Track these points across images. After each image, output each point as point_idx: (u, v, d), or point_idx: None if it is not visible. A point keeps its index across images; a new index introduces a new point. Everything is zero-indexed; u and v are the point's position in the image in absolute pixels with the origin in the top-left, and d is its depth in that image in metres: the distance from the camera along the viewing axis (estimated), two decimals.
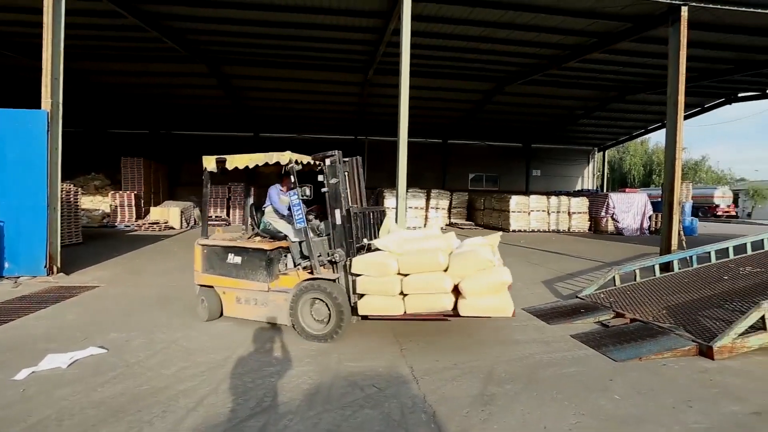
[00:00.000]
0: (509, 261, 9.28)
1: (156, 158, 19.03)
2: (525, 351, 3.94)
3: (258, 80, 14.93)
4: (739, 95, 16.44)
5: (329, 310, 4.03)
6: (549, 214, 17.11)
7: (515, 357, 3.79)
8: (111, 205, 15.86)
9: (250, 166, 4.43)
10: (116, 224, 15.29)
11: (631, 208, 16.83)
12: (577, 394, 3.10)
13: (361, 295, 4.01)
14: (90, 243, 10.87)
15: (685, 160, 39.59)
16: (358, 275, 4.01)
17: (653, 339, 4.04)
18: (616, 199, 16.97)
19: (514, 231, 16.63)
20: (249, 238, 4.90)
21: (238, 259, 4.45)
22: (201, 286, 4.65)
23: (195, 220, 16.83)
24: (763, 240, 6.30)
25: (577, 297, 5.61)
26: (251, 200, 5.40)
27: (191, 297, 4.92)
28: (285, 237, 4.62)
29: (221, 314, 4.62)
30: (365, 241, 4.38)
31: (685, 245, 7.87)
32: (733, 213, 33.04)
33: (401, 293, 3.86)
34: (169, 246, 11.05)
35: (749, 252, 6.14)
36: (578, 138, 23.64)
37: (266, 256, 4.35)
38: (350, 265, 4.06)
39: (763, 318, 3.74)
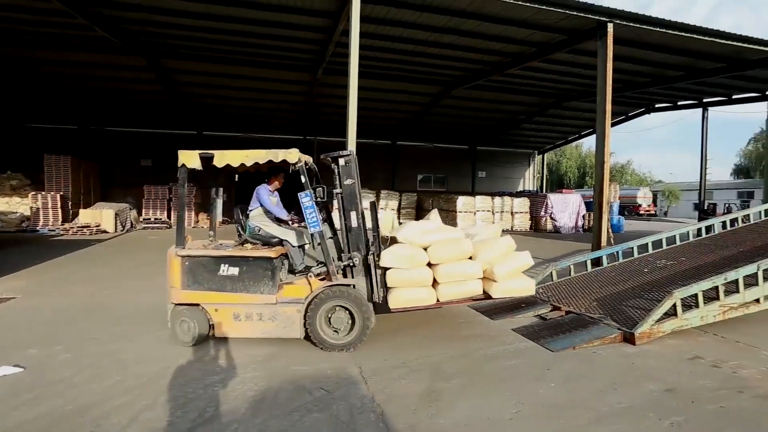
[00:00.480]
0: None
1: (86, 156, 17.51)
2: (470, 346, 4.10)
3: (201, 76, 14.22)
4: (656, 106, 18.16)
5: (351, 316, 3.86)
6: (493, 213, 17.87)
7: (461, 352, 3.94)
8: (31, 207, 14.39)
9: (248, 164, 3.91)
10: (38, 228, 13.90)
11: (567, 208, 18.02)
12: (518, 384, 3.29)
13: (389, 289, 4.01)
14: (5, 249, 9.81)
15: (612, 163, 43.19)
16: (387, 269, 3.96)
17: (585, 329, 4.37)
18: (554, 199, 18.10)
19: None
20: (238, 244, 4.32)
21: (234, 271, 3.88)
22: (178, 305, 3.91)
23: (132, 222, 15.73)
24: (675, 236, 7.04)
25: None
26: (220, 202, 4.64)
27: (133, 305, 4.60)
28: (280, 242, 4.24)
29: (210, 335, 3.97)
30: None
31: (612, 241, 8.55)
32: (653, 211, 36.77)
33: (433, 283, 4.04)
34: (101, 251, 10.25)
35: (664, 247, 6.83)
36: (520, 141, 24.91)
37: (272, 265, 3.91)
38: (377, 260, 3.98)
39: (674, 305, 4.19)
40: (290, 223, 4.48)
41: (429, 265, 4.05)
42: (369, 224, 4.21)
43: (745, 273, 4.51)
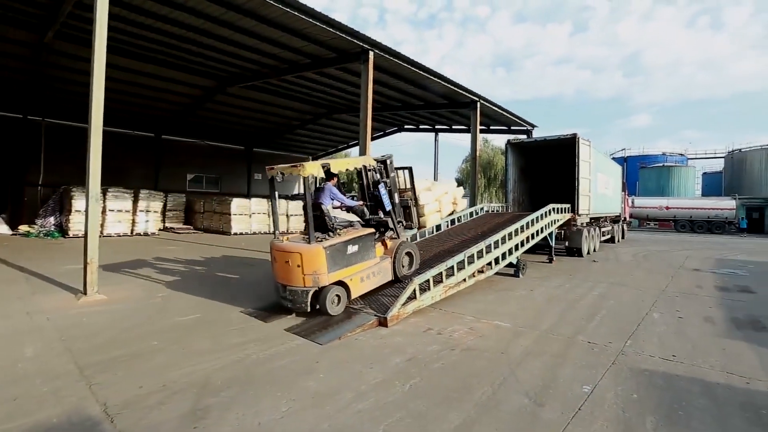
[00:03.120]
0: (231, 264, 9.17)
1: None
2: (242, 353, 3.98)
3: None
4: (405, 127, 22.08)
5: (410, 257, 6.03)
6: (270, 216, 17.88)
7: (232, 361, 3.78)
8: None
9: (350, 169, 5.72)
10: None
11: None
12: (289, 382, 3.40)
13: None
14: None
15: None
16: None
17: (349, 319, 4.91)
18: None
19: (235, 234, 16.48)
20: (328, 234, 5.26)
21: (355, 248, 5.28)
22: (325, 286, 4.94)
23: None
24: (416, 234, 8.73)
25: None
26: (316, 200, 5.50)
27: None
28: (351, 224, 5.66)
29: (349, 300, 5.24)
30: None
31: None
32: None
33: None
34: None
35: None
36: (296, 146, 25.77)
37: (374, 237, 5.65)
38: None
39: (414, 290, 5.21)
40: (360, 207, 6.03)
41: None
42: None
43: (457, 260, 6.04)
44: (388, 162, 6.07)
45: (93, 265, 5.84)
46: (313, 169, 4.97)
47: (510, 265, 7.92)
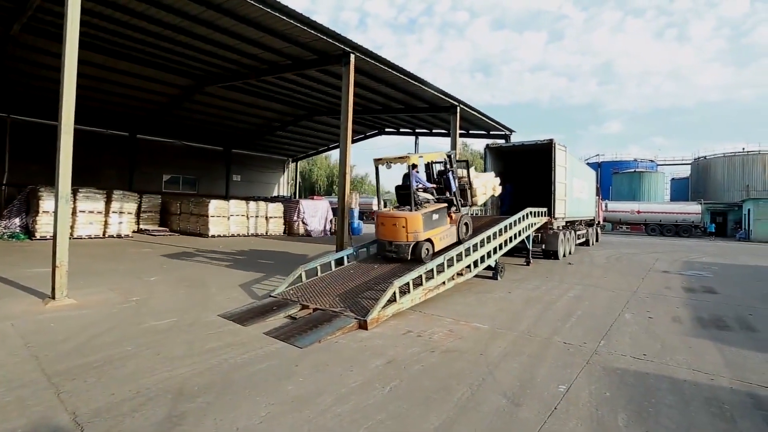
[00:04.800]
0: (207, 268, 8.99)
1: None
2: (219, 357, 3.91)
3: None
4: (386, 130, 22.16)
5: (467, 227, 8.07)
6: (248, 218, 17.64)
7: (209, 366, 3.71)
8: None
9: (433, 161, 8.35)
10: None
11: (317, 213, 19.63)
12: (268, 386, 3.36)
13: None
14: None
15: (354, 175, 49.84)
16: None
17: (329, 322, 4.88)
18: (305, 205, 19.40)
19: (213, 236, 16.17)
20: (416, 207, 7.17)
21: (437, 216, 7.28)
22: (418, 242, 6.90)
23: None
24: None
25: (270, 296, 6.05)
26: (414, 184, 7.29)
27: None
28: (428, 200, 7.52)
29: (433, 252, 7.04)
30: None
31: (352, 243, 9.87)
32: None
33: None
34: None
35: None
36: (275, 148, 25.50)
37: (448, 209, 7.70)
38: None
39: (394, 293, 5.22)
40: (432, 189, 7.88)
41: None
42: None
43: (436, 263, 6.09)
44: (452, 156, 8.26)
45: (62, 268, 5.62)
46: (414, 159, 7.25)
47: (489, 267, 8.04)
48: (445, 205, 7.64)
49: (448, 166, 8.06)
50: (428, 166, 8.37)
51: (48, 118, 16.39)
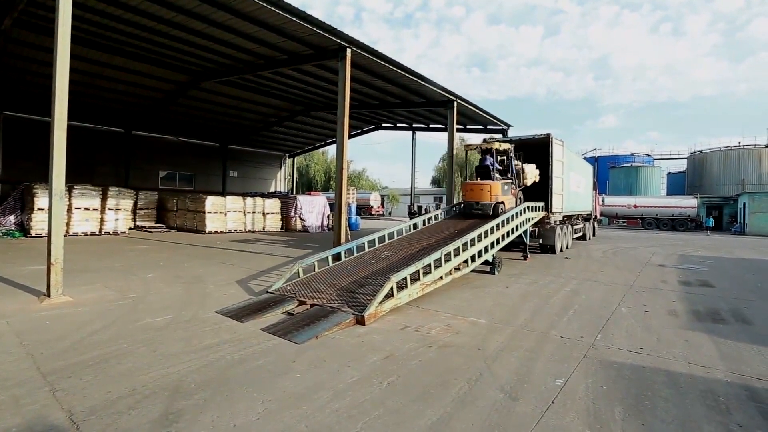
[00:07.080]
0: (203, 264, 8.96)
1: None
2: (216, 354, 3.90)
3: None
4: (383, 125, 22.08)
5: (520, 200, 10.78)
6: (245, 214, 17.57)
7: (206, 362, 3.70)
8: None
9: (499, 149, 10.59)
10: None
11: (314, 209, 19.58)
12: (265, 382, 3.35)
13: None
14: None
15: (351, 170, 49.80)
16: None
17: (326, 318, 4.87)
18: (302, 200, 19.33)
19: (210, 232, 16.12)
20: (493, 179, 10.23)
21: (506, 187, 10.30)
22: (497, 203, 9.87)
23: None
24: (394, 232, 8.78)
25: (267, 292, 6.03)
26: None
27: None
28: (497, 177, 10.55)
29: None
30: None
31: (350, 238, 9.87)
32: (382, 212, 44.87)
33: None
34: None
35: (387, 240, 8.41)
36: (272, 143, 25.40)
37: (510, 184, 10.66)
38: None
39: (392, 288, 5.21)
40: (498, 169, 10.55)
41: None
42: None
43: (434, 258, 6.08)
44: (512, 146, 10.89)
45: (57, 266, 5.59)
46: (497, 146, 10.39)
47: (486, 262, 8.06)
48: (510, 180, 10.45)
49: (511, 154, 10.70)
50: (493, 152, 10.55)
51: (41, 114, 16.26)
